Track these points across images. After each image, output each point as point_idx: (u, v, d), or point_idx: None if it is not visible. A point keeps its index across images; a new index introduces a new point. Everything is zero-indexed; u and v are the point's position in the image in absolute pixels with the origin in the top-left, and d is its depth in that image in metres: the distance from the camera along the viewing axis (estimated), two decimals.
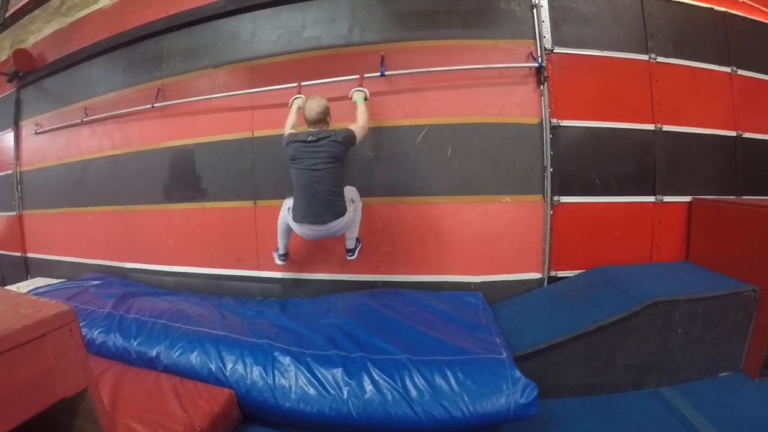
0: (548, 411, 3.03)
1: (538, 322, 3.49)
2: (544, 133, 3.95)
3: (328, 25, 4.19)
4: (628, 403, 3.19)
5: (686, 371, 3.49)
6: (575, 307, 3.54)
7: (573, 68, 4.07)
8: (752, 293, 3.55)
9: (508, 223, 4.05)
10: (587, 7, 4.19)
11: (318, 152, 3.20)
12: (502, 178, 4.01)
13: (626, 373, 3.34)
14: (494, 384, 2.60)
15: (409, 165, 4.04)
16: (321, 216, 3.28)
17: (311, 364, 2.82)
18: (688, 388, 3.40)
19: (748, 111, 4.68)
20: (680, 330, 3.40)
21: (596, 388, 3.30)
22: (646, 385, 3.39)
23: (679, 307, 3.36)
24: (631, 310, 3.25)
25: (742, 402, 3.26)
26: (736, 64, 4.71)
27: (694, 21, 4.62)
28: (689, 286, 3.59)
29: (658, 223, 4.17)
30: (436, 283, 4.10)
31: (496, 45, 4.00)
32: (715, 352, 3.56)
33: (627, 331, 3.28)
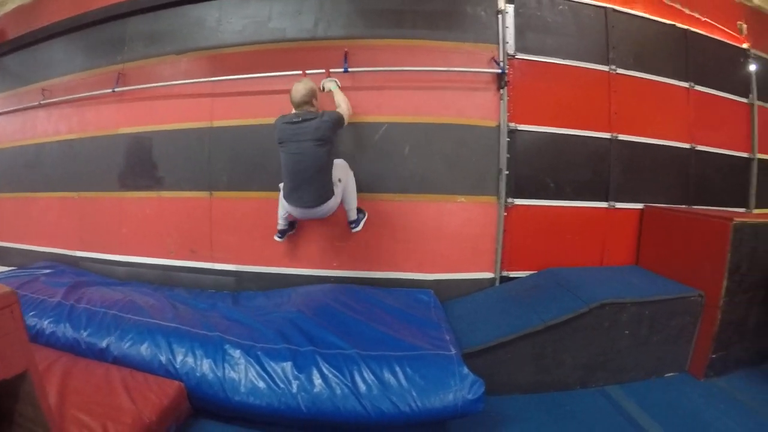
0: (497, 407, 3.12)
1: (488, 320, 3.60)
2: (502, 136, 4.08)
3: (294, 18, 4.22)
4: (576, 401, 3.32)
5: (633, 371, 3.66)
6: (525, 306, 3.67)
7: (534, 74, 4.21)
8: (699, 298, 3.75)
9: (462, 223, 4.15)
10: (552, 17, 4.35)
11: (304, 134, 3.28)
12: (459, 178, 4.11)
13: (574, 372, 3.48)
14: (442, 380, 2.67)
15: (367, 162, 4.10)
16: (305, 200, 3.39)
17: (261, 358, 2.84)
18: (635, 388, 3.56)
19: (703, 125, 4.91)
20: (627, 331, 3.56)
21: (544, 386, 3.43)
22: (593, 384, 3.53)
23: (627, 309, 3.53)
24: (579, 311, 3.38)
25: (687, 401, 3.43)
26: (694, 79, 4.94)
27: (656, 36, 4.84)
28: (637, 290, 3.77)
29: (610, 229, 4.35)
30: (390, 279, 4.17)
31: (460, 48, 4.10)
32: (661, 353, 3.74)
33: (574, 332, 3.41)
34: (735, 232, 3.60)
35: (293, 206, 3.47)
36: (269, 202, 4.07)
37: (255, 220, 4.26)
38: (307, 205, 3.41)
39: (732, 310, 3.72)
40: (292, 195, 3.42)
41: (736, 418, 3.22)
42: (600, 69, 4.44)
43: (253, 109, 4.24)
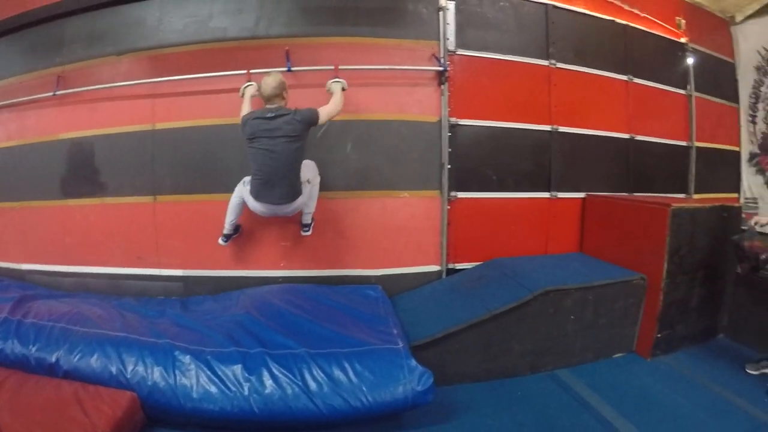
0: (449, 397, 3.19)
1: (435, 312, 3.69)
2: (443, 131, 4.18)
3: (235, 17, 4.20)
4: (526, 386, 3.44)
5: (581, 354, 3.81)
6: (471, 297, 3.78)
7: (475, 70, 4.32)
8: (641, 281, 3.96)
9: (406, 218, 4.24)
10: (493, 13, 4.47)
11: (276, 129, 3.27)
12: (401, 174, 4.20)
13: (522, 358, 3.60)
14: (391, 373, 2.74)
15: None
16: (277, 197, 3.39)
17: (212, 362, 2.84)
18: (584, 370, 3.72)
19: (642, 116, 5.12)
20: (572, 316, 3.72)
21: (495, 373, 3.53)
22: (542, 369, 3.67)
23: (570, 295, 3.68)
24: (523, 299, 3.51)
25: (635, 380, 3.60)
26: (633, 73, 5.16)
27: (596, 31, 5.02)
28: (581, 276, 3.94)
29: (553, 218, 4.51)
30: (337, 277, 4.20)
31: (401, 44, 4.18)
32: (608, 335, 3.92)
33: (520, 319, 3.53)
34: (673, 217, 3.79)
35: (263, 203, 3.44)
36: (215, 205, 4.03)
37: (201, 223, 4.19)
38: (278, 201, 3.40)
39: (674, 291, 3.92)
40: (263, 191, 3.39)
41: (684, 393, 3.40)
42: (540, 63, 4.58)
43: (195, 110, 4.19)
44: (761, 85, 6.48)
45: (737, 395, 3.38)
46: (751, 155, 6.49)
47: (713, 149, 6.07)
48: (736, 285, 4.34)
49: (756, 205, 6.22)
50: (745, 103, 6.64)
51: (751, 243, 3.53)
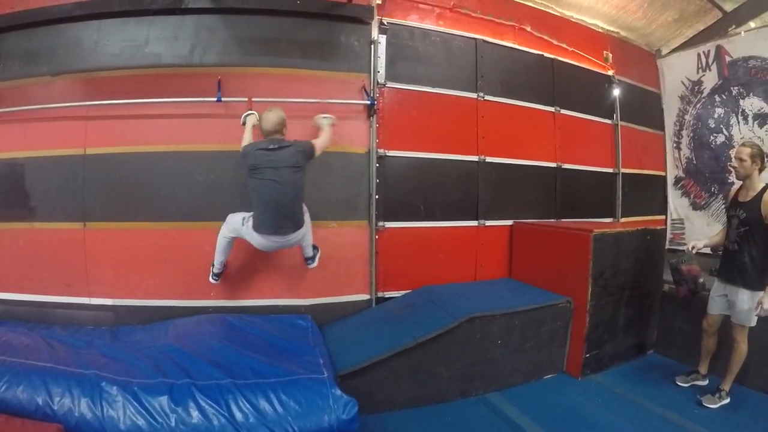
0: (380, 425, 3.26)
1: (364, 341, 3.76)
2: (371, 162, 4.31)
3: (170, 43, 4.21)
4: (456, 411, 3.53)
5: (511, 377, 3.96)
6: (399, 325, 3.88)
7: (404, 102, 4.48)
8: (567, 304, 4.17)
9: (335, 248, 4.33)
10: (423, 47, 4.66)
11: (280, 161, 3.35)
12: (330, 204, 4.29)
13: (452, 384, 3.69)
14: (316, 403, 2.79)
15: (239, 190, 3.98)
16: (283, 228, 3.47)
17: (138, 393, 2.81)
18: (515, 392, 3.86)
19: (569, 145, 5.41)
20: (500, 341, 3.87)
21: (425, 399, 3.60)
22: (473, 393, 3.77)
23: (496, 320, 3.83)
24: (448, 327, 3.61)
25: (566, 399, 3.77)
26: (560, 104, 5.46)
27: (525, 65, 5.29)
28: (507, 301, 4.10)
29: (481, 245, 4.68)
30: (267, 306, 4.21)
31: (333, 76, 4.30)
32: (537, 357, 4.09)
33: (447, 346, 3.63)
34: (595, 242, 4.03)
35: (269, 235, 3.47)
36: (147, 233, 4.06)
37: (132, 252, 4.14)
38: (284, 232, 3.47)
39: (600, 312, 4.15)
40: (269, 223, 3.44)
41: (614, 409, 3.60)
42: (468, 96, 4.79)
43: (128, 136, 4.15)
44: (685, 114, 6.93)
45: (668, 408, 3.60)
46: (677, 179, 6.94)
47: (640, 175, 6.44)
48: (662, 303, 4.64)
49: (682, 226, 6.63)
50: (670, 130, 7.09)
51: (689, 267, 3.75)
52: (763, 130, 6.17)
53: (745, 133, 6.32)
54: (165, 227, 4.09)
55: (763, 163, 3.50)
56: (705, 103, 6.74)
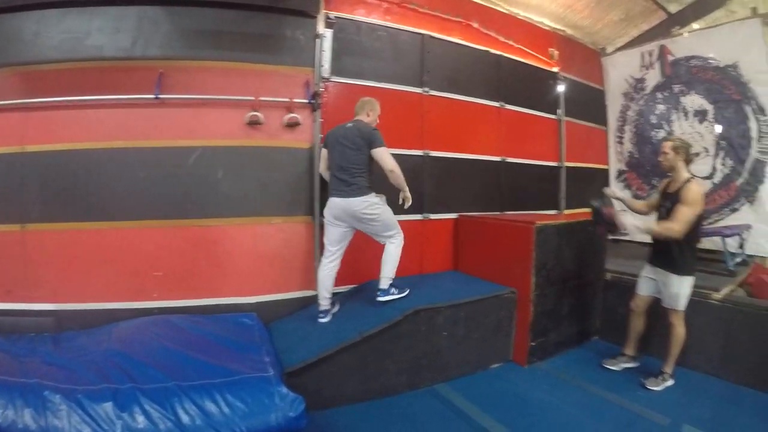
0: (328, 420, 3.25)
1: (310, 337, 3.71)
2: (315, 157, 4.26)
3: (112, 35, 4.04)
4: (405, 403, 3.56)
5: (458, 368, 4.02)
6: (345, 320, 3.89)
7: (349, 97, 4.43)
8: (512, 295, 4.28)
9: (279, 244, 4.31)
10: (370, 41, 4.68)
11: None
12: (273, 200, 4.26)
13: (400, 376, 3.72)
14: (263, 402, 2.76)
15: (181, 187, 4.04)
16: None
17: (83, 401, 2.70)
18: (462, 383, 3.92)
19: (513, 140, 5.55)
20: (445, 332, 3.92)
21: (373, 393, 3.59)
22: (421, 385, 3.79)
23: (441, 312, 3.89)
24: (394, 320, 3.64)
25: (513, 387, 3.86)
26: (505, 99, 5.60)
27: (471, 61, 5.38)
28: (452, 293, 4.17)
29: (427, 239, 4.74)
30: (213, 306, 4.10)
31: (278, 70, 4.25)
32: (483, 347, 4.17)
33: (393, 339, 3.65)
34: (538, 234, 4.14)
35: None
36: (89, 234, 3.92)
37: (73, 253, 3.96)
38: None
39: (544, 302, 4.28)
40: None
41: (560, 395, 3.71)
42: (414, 91, 4.85)
43: (70, 132, 3.98)
44: (628, 110, 7.24)
45: (612, 392, 3.74)
46: (619, 172, 7.29)
47: (584, 168, 6.68)
48: (605, 291, 4.82)
49: None
50: (613, 126, 7.41)
51: (608, 209, 3.86)
52: (702, 125, 6.50)
53: (685, 128, 6.65)
54: (106, 227, 3.96)
55: (688, 155, 3.70)
56: (647, 100, 7.04)
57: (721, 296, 4.16)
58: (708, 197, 6.30)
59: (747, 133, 6.05)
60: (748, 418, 3.41)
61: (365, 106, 3.95)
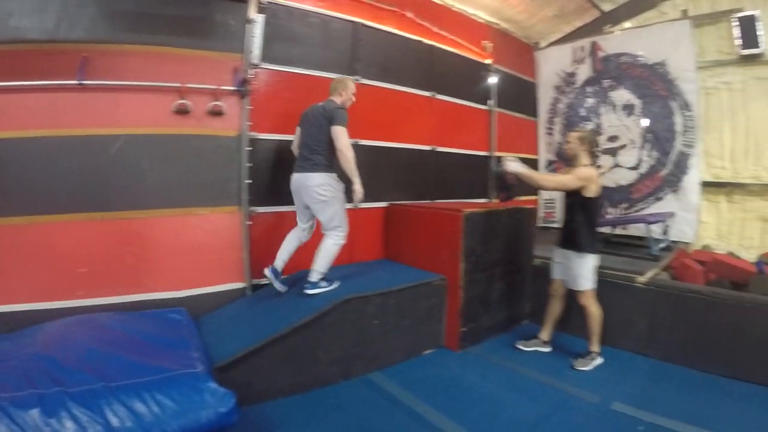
0: (262, 415, 3.23)
1: (240, 331, 3.68)
2: (243, 145, 4.24)
3: (36, 16, 3.77)
4: (339, 394, 3.58)
5: (391, 355, 4.08)
6: (274, 312, 3.85)
7: (279, 84, 4.47)
8: (442, 282, 4.38)
9: (207, 236, 4.21)
10: (302, 28, 4.66)
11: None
12: (200, 190, 4.16)
13: (332, 367, 3.73)
14: (192, 399, 2.70)
15: (103, 178, 3.83)
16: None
17: (8, 409, 2.52)
18: (396, 370, 3.99)
19: (444, 129, 5.71)
20: (376, 321, 3.96)
21: (307, 385, 3.59)
22: (354, 375, 3.83)
23: (371, 301, 3.92)
24: (323, 310, 3.64)
25: (446, 373, 3.96)
26: (437, 89, 5.75)
27: (403, 50, 5.47)
28: (382, 281, 4.22)
29: (356, 228, 4.65)
30: (140, 302, 3.93)
31: (206, 56, 4.16)
32: (415, 334, 4.26)
33: (323, 329, 3.66)
34: (466, 221, 4.26)
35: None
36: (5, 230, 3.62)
37: None
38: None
39: (474, 288, 4.41)
40: None
41: (492, 378, 3.84)
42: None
43: None
44: (558, 103, 7.59)
45: (544, 373, 3.92)
46: (549, 162, 7.69)
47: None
48: (534, 276, 5.01)
49: (554, 205, 7.35)
50: (544, 117, 7.77)
51: (510, 175, 4.04)
52: (630, 119, 6.88)
53: (613, 121, 7.04)
54: (26, 222, 3.69)
55: (592, 147, 3.98)
56: (577, 94, 7.38)
57: (646, 279, 4.44)
58: (633, 187, 6.80)
59: (672, 127, 6.48)
60: (674, 393, 3.66)
61: (337, 86, 4.06)
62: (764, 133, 6.11)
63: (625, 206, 6.95)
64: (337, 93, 4.04)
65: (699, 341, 4.08)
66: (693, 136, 6.33)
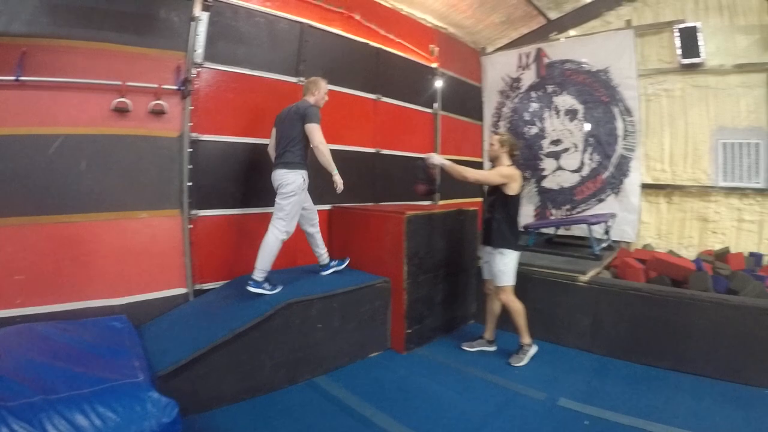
0: (208, 423, 3.20)
1: (183, 338, 3.59)
2: (184, 147, 4.17)
3: None
4: (286, 399, 3.57)
5: (336, 359, 4.11)
6: (217, 318, 3.78)
7: (222, 84, 4.42)
8: (385, 284, 4.44)
9: (148, 240, 4.10)
10: (247, 27, 4.62)
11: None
12: (140, 193, 4.04)
13: (277, 372, 3.71)
14: (134, 409, 2.63)
15: (40, 180, 3.63)
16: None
17: None
18: (342, 373, 4.02)
19: (388, 132, 5.81)
20: (320, 324, 3.97)
21: (252, 391, 3.56)
22: (300, 379, 3.83)
23: (314, 304, 3.92)
24: (265, 315, 3.61)
25: (392, 375, 4.02)
26: (383, 92, 5.84)
27: (350, 52, 5.52)
28: (325, 285, 4.22)
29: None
30: (80, 310, 3.76)
31: (148, 54, 4.05)
32: (360, 337, 4.30)
33: (267, 334, 3.63)
34: (408, 224, 4.33)
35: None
36: None
37: None
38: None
39: (418, 290, 4.50)
40: None
41: (438, 379, 3.93)
42: (288, 80, 4.89)
43: None
44: (503, 107, 7.86)
45: (490, 372, 4.03)
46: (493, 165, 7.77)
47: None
48: (479, 276, 4.98)
49: None
50: (489, 121, 8.03)
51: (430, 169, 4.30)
52: (572, 123, 7.17)
53: (556, 125, 7.33)
54: None
55: (512, 150, 4.24)
56: (522, 98, 7.66)
57: (588, 278, 4.66)
58: (576, 189, 7.12)
59: (614, 132, 6.86)
60: (618, 387, 3.84)
61: (310, 86, 4.23)
62: (702, 138, 6.56)
63: (568, 208, 7.28)
64: (310, 93, 4.20)
65: (641, 336, 4.32)
66: (633, 141, 6.73)
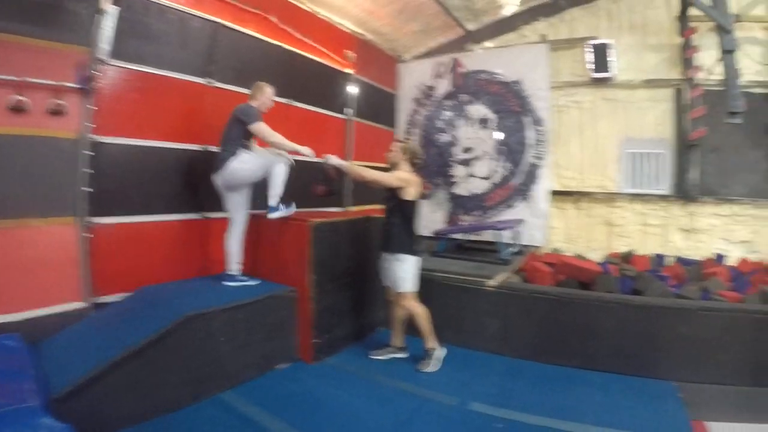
0: None
1: (80, 356, 3.40)
2: (83, 150, 3.91)
3: None
4: (191, 417, 3.43)
5: (243, 373, 4.00)
6: (115, 333, 3.60)
7: (128, 83, 4.22)
8: (291, 294, 4.40)
9: (42, 250, 3.80)
10: (158, 24, 4.44)
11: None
12: (33, 199, 3.74)
13: (181, 389, 3.56)
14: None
15: None
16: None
17: None
18: (249, 387, 3.92)
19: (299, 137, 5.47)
20: (223, 338, 3.84)
21: (155, 411, 3.38)
22: (205, 395, 3.68)
23: (217, 317, 3.80)
24: (163, 330, 3.45)
25: (301, 386, 3.97)
26: (295, 96, 5.87)
27: (263, 55, 5.50)
28: (228, 296, 4.10)
29: (209, 239, 4.69)
30: None
31: (50, 47, 3.74)
32: (267, 349, 4.22)
33: (167, 350, 3.46)
34: (314, 231, 4.35)
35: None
36: None
37: None
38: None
39: (325, 299, 4.49)
40: None
41: (348, 389, 3.94)
42: (197, 81, 4.74)
43: None
44: (417, 114, 8.15)
45: (401, 379, 4.10)
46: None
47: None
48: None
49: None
50: (403, 128, 8.22)
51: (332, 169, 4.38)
52: (485, 132, 7.52)
53: (469, 133, 7.72)
54: None
55: (413, 158, 4.37)
56: (436, 106, 7.99)
57: (496, 283, 4.88)
58: (487, 196, 7.52)
59: (524, 141, 7.32)
60: (530, 388, 4.02)
61: (254, 91, 4.39)
62: (610, 148, 7.21)
63: (478, 214, 7.63)
64: (254, 98, 4.30)
65: (550, 338, 4.59)
66: (543, 149, 7.21)
